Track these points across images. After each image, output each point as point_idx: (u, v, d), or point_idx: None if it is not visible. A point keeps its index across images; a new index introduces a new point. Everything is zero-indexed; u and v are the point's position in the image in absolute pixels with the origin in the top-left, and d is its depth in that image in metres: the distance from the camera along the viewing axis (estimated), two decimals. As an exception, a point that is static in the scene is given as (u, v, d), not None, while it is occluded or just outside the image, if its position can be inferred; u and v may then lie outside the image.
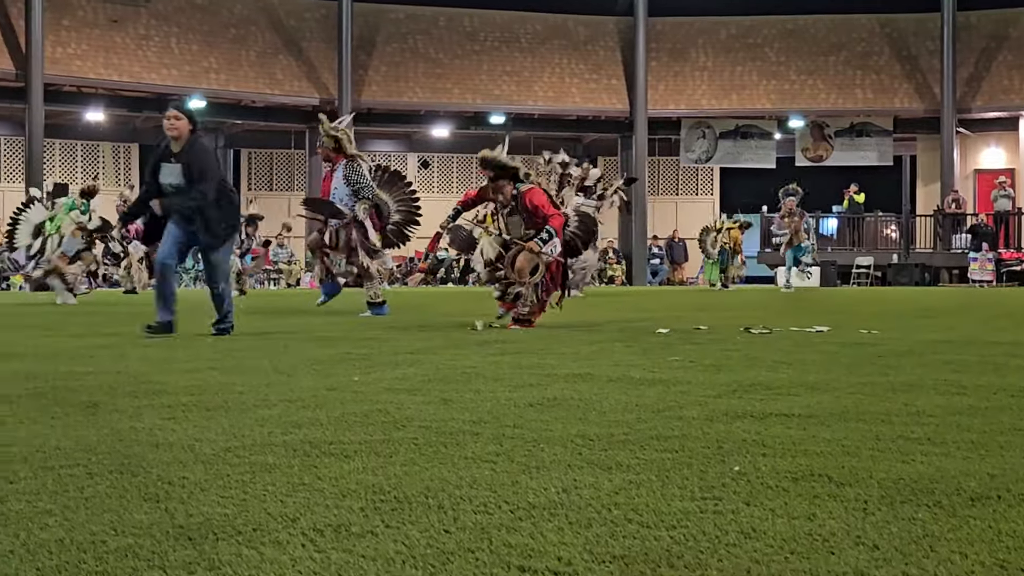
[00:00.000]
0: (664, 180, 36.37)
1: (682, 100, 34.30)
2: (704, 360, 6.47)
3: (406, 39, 33.46)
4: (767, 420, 4.11)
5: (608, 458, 3.35)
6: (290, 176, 34.30)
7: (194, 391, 5.02)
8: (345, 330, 9.71)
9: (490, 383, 5.33)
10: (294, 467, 3.24)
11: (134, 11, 30.20)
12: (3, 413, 4.36)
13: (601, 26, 34.90)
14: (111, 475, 3.13)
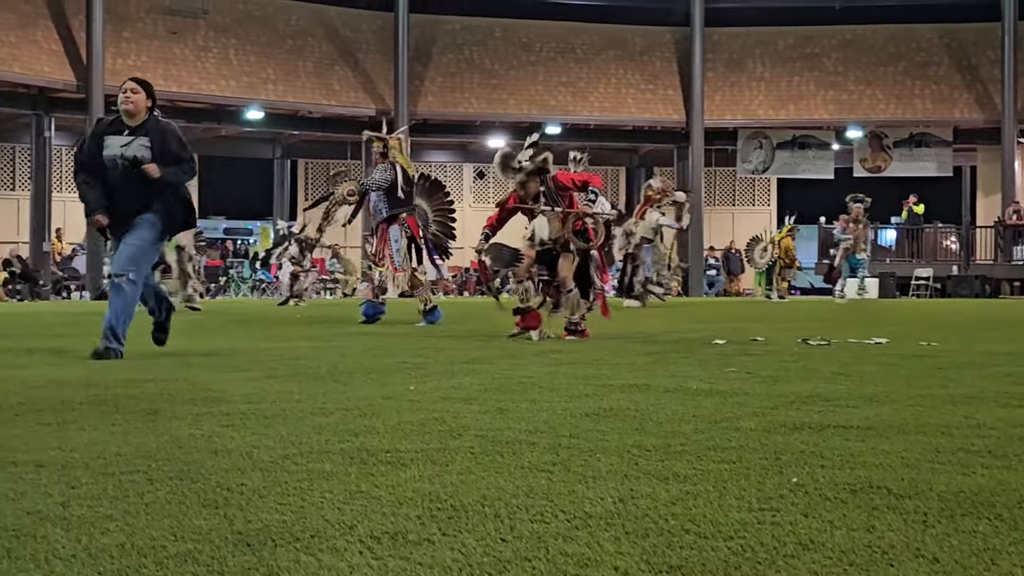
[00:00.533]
0: (721, 191, 36.23)
1: (739, 110, 34.15)
2: (761, 371, 6.43)
3: (462, 50, 33.58)
4: (825, 432, 4.08)
5: (665, 468, 3.34)
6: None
7: (252, 399, 5.06)
8: (401, 339, 9.75)
9: (546, 393, 5.33)
10: (351, 475, 3.25)
11: (193, 23, 30.52)
12: (65, 419, 4.41)
13: (657, 36, 34.84)
14: (171, 481, 3.16)
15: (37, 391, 5.39)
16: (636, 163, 36.72)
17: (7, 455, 3.58)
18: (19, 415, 4.55)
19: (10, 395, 5.20)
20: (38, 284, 27.34)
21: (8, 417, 4.49)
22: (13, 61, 26.95)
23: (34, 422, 4.34)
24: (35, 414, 4.57)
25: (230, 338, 10.14)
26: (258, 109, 30.49)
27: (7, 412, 4.63)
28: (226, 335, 10.71)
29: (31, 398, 5.09)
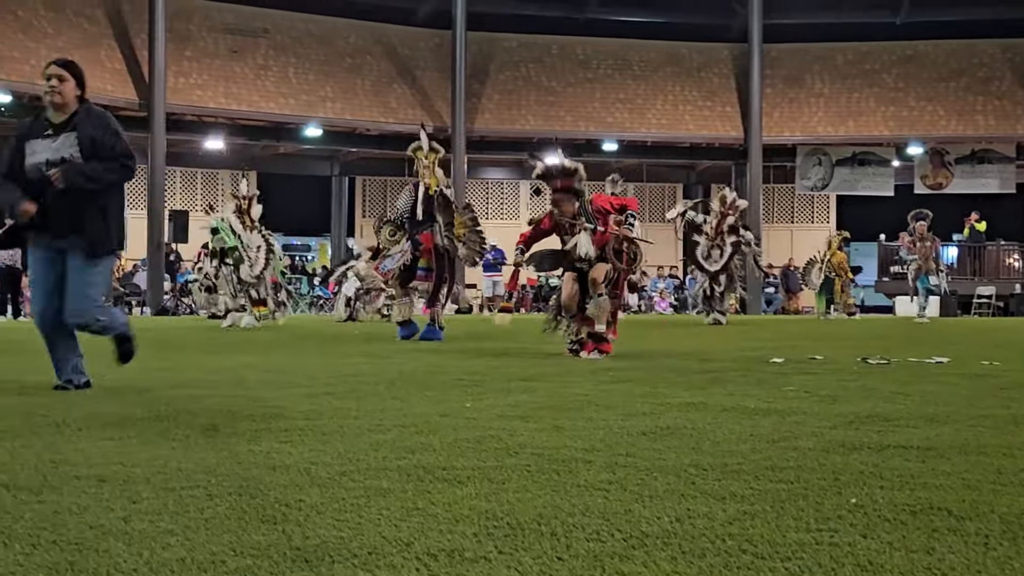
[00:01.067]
0: (779, 208, 36.01)
1: (797, 127, 33.95)
2: (820, 390, 6.39)
3: (519, 67, 33.66)
4: (885, 452, 4.04)
5: (722, 488, 3.33)
6: (404, 203, 34.62)
7: (311, 415, 5.10)
8: (458, 357, 9.77)
9: (602, 411, 5.32)
10: (408, 492, 3.26)
11: (253, 42, 30.84)
12: (127, 435, 4.46)
13: (715, 53, 34.74)
14: (230, 497, 3.19)
15: (99, 406, 5.47)
16: (693, 180, 36.58)
17: (70, 469, 3.63)
18: (82, 430, 4.61)
19: (73, 410, 5.27)
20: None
21: (71, 432, 4.56)
22: (77, 80, 27.35)
23: (97, 437, 4.40)
24: (98, 429, 4.63)
25: (288, 354, 10.21)
26: (317, 127, 30.72)
27: (70, 427, 4.69)
28: (284, 351, 10.79)
29: (93, 413, 5.16)
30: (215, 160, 32.21)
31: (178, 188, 31.98)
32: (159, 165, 27.93)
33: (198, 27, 30.27)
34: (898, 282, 31.73)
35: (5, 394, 6.11)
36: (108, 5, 29.21)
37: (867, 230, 35.19)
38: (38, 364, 8.55)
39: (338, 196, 35.17)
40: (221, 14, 30.79)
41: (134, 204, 30.84)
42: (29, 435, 4.46)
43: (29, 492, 3.28)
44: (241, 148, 32.22)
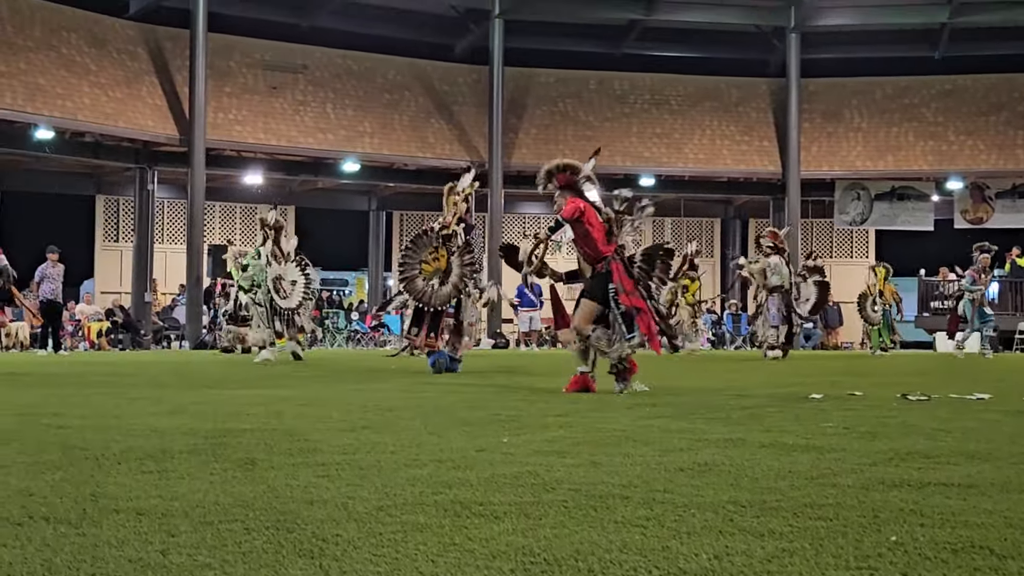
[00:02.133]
0: (818, 242, 35.85)
1: (836, 161, 33.86)
2: (859, 427, 6.34)
3: (556, 102, 33.77)
4: (925, 489, 4.00)
5: (760, 525, 3.30)
6: (441, 238, 34.69)
7: (347, 449, 5.10)
8: (494, 391, 9.76)
9: (640, 446, 5.30)
10: (445, 527, 3.26)
11: (292, 78, 31.10)
12: (166, 468, 4.48)
13: (753, 88, 34.75)
14: (267, 531, 3.20)
15: (138, 439, 5.49)
16: (731, 214, 36.53)
17: (109, 503, 3.65)
18: (121, 463, 4.64)
19: (112, 444, 5.30)
20: (139, 334, 27.86)
21: (111, 465, 4.58)
22: (119, 116, 27.64)
23: (136, 470, 4.42)
24: (136, 462, 4.65)
25: (324, 388, 10.24)
26: (354, 161, 30.90)
27: (109, 460, 4.72)
28: (320, 384, 10.82)
29: (132, 447, 5.19)
30: (254, 195, 32.44)
31: (217, 222, 32.21)
32: (198, 200, 28.16)
33: (238, 64, 30.57)
34: (938, 318, 31.52)
35: (45, 427, 6.15)
36: (150, 42, 29.56)
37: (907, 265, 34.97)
38: (78, 397, 8.62)
39: (375, 231, 35.32)
40: (261, 51, 31.10)
41: (173, 238, 31.09)
42: (68, 468, 4.48)
43: (68, 525, 3.29)
44: (280, 183, 32.45)
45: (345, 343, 31.35)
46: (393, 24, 33.13)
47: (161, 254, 30.30)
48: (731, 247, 35.45)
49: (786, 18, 32.97)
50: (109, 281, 30.60)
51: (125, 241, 30.75)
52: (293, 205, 33.52)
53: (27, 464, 4.59)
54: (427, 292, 13.61)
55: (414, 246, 14.21)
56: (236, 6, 31.00)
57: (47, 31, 27.42)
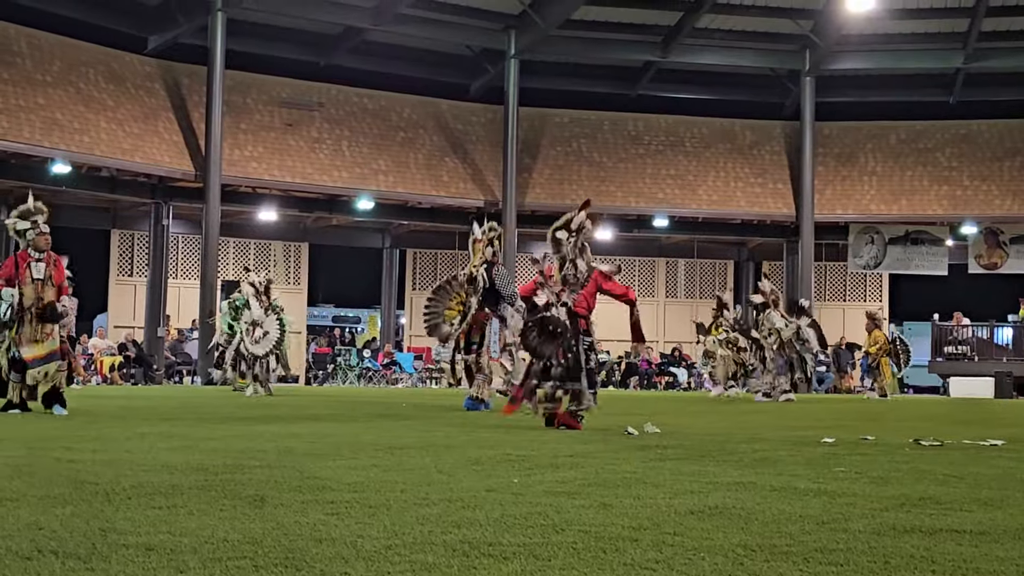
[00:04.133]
0: (831, 286, 35.81)
1: (850, 205, 33.85)
2: (871, 472, 6.31)
3: (570, 142, 33.86)
4: (937, 536, 3.98)
5: (770, 570, 3.29)
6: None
7: (357, 488, 5.10)
8: (505, 431, 9.75)
9: (650, 489, 5.29)
10: (453, 567, 3.25)
11: (308, 115, 31.24)
12: (175, 504, 4.48)
13: (767, 130, 34.81)
14: (276, 568, 3.19)
15: (148, 475, 5.49)
16: (745, 257, 36.51)
17: (119, 538, 3.65)
18: (131, 498, 4.64)
19: (122, 478, 5.30)
20: (152, 368, 27.90)
21: (121, 500, 4.58)
22: (136, 151, 27.79)
23: (145, 505, 4.42)
24: (146, 497, 4.65)
25: (335, 425, 10.23)
26: (369, 199, 30.98)
27: (120, 495, 4.72)
28: (331, 422, 10.81)
29: (142, 482, 5.19)
30: (268, 231, 32.55)
31: (231, 258, 32.29)
32: (213, 235, 28.24)
33: (255, 100, 30.74)
34: (952, 363, 31.41)
35: (56, 461, 6.16)
36: (168, 78, 29.75)
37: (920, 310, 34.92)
38: (88, 431, 8.63)
39: (389, 268, 35.36)
40: (277, 88, 31.26)
41: (188, 274, 31.17)
42: (79, 502, 4.49)
43: (78, 560, 3.29)
44: (294, 219, 32.55)
45: (357, 380, 31.34)
46: (409, 63, 33.32)
47: (175, 289, 30.36)
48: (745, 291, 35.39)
49: (801, 61, 33.06)
50: (122, 315, 30.65)
51: (139, 276, 30.84)
52: (307, 242, 33.60)
53: (37, 498, 4.60)
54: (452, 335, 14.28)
55: (437, 295, 14.64)
56: (254, 44, 31.19)
57: (66, 66, 27.62)
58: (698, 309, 24.88)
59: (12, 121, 25.69)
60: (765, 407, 17.84)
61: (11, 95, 26.05)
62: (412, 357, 32.69)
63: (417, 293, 34.10)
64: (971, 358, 31.68)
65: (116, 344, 28.21)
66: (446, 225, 32.96)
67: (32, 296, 10.87)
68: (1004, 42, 32.49)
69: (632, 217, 33.46)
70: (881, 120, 34.77)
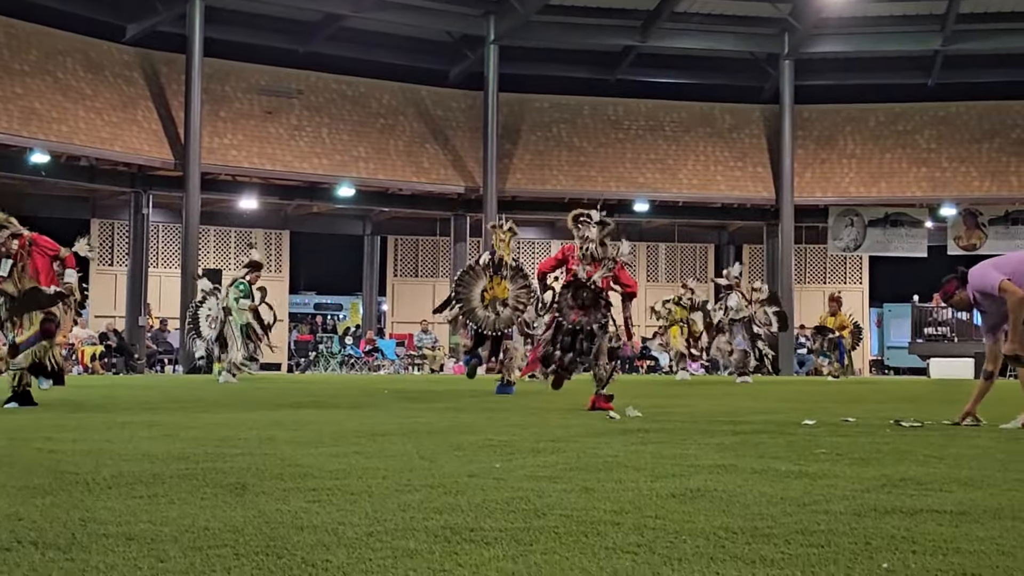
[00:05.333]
0: (811, 268, 35.91)
1: (829, 188, 33.93)
2: (852, 453, 6.33)
3: (550, 128, 33.83)
4: (917, 516, 4.00)
5: (752, 552, 3.29)
6: (435, 262, 34.73)
7: (339, 475, 5.09)
8: (487, 416, 9.76)
9: (632, 472, 5.30)
10: (435, 553, 3.25)
11: (287, 103, 31.14)
12: (156, 493, 4.47)
13: (747, 114, 34.84)
14: (257, 556, 3.19)
15: (129, 464, 5.48)
16: (725, 240, 36.56)
17: (99, 527, 3.64)
18: (111, 488, 4.62)
19: (103, 468, 5.28)
20: (133, 358, 27.81)
21: (101, 490, 4.57)
22: (115, 140, 27.67)
23: (126, 495, 4.41)
24: (127, 487, 4.64)
25: (316, 412, 10.22)
26: (349, 186, 30.91)
27: (100, 485, 4.71)
28: (313, 409, 10.80)
29: (123, 471, 5.17)
30: (248, 219, 32.46)
31: (212, 247, 32.21)
32: (193, 224, 28.14)
33: (233, 88, 30.61)
34: (932, 344, 31.58)
35: (36, 451, 6.14)
36: (146, 67, 29.60)
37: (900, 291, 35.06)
38: (69, 421, 8.60)
39: (370, 255, 35.32)
40: (256, 75, 31.14)
41: (168, 263, 31.08)
42: (58, 492, 4.47)
43: (57, 550, 3.28)
44: (274, 207, 32.48)
45: (339, 368, 31.31)
46: (388, 50, 33.22)
47: (155, 278, 30.25)
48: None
49: (780, 45, 33.09)
50: (103, 305, 30.54)
51: (120, 265, 30.73)
52: (287, 230, 33.53)
53: (17, 488, 4.58)
54: (489, 319, 14.87)
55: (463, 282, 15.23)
56: (232, 31, 31.06)
57: (43, 55, 27.46)
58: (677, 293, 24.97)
59: (-11, 111, 25.55)
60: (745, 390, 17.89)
61: (-12, 85, 25.91)
62: (394, 344, 32.68)
63: (399, 280, 34.10)
64: (951, 339, 31.88)
65: (97, 334, 28.11)
66: (427, 212, 32.94)
67: (13, 289, 10.63)
68: (982, 24, 32.56)
69: (613, 202, 33.41)
70: (860, 103, 34.83)
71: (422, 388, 17.56)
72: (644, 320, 34.39)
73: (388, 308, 35.64)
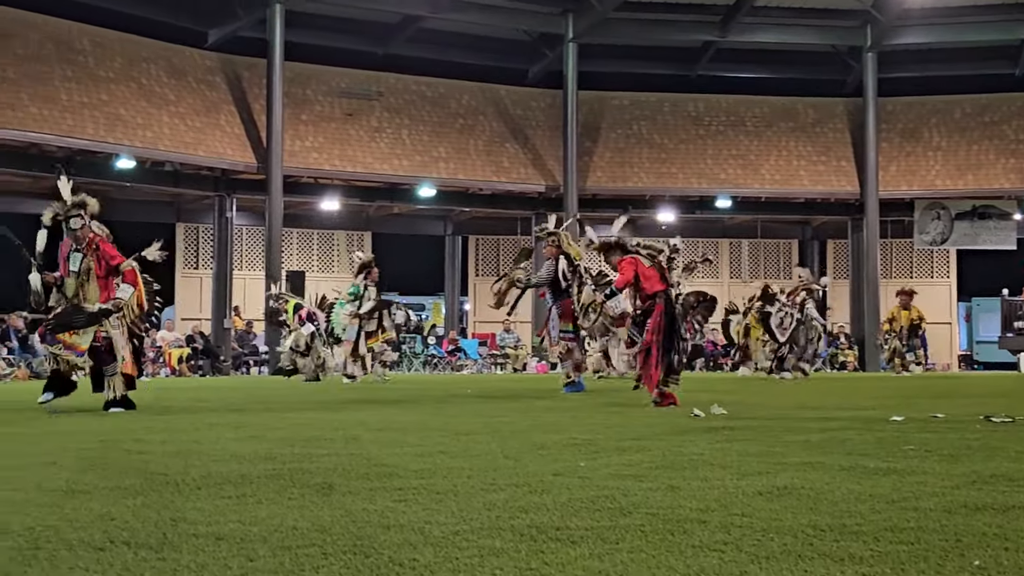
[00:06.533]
0: (897, 263, 35.40)
1: (915, 181, 33.43)
2: (941, 449, 6.24)
3: (631, 125, 33.70)
4: (1009, 513, 3.93)
5: (840, 549, 3.26)
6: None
7: (424, 474, 5.11)
8: (571, 415, 9.75)
9: (717, 470, 5.26)
10: (521, 552, 3.25)
11: (368, 105, 31.35)
12: (244, 493, 4.52)
13: (830, 108, 34.44)
14: (345, 555, 3.21)
15: (217, 465, 5.55)
16: (809, 235, 36.19)
17: (189, 527, 3.69)
18: (200, 488, 4.69)
19: (191, 469, 5.36)
20: (219, 360, 28.17)
21: (190, 490, 4.63)
22: (198, 145, 28.04)
23: (215, 495, 4.47)
24: (215, 487, 4.70)
25: (401, 412, 10.28)
26: (430, 187, 31.04)
27: (189, 485, 4.77)
28: (397, 409, 10.86)
29: (212, 472, 5.24)
30: (330, 221, 32.73)
31: (295, 249, 32.53)
32: (276, 227, 28.44)
33: (314, 91, 30.89)
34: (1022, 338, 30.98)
35: (126, 453, 6.24)
36: (228, 72, 29.98)
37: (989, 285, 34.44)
38: (157, 423, 8.73)
39: (451, 255, 35.45)
40: (336, 78, 31.39)
41: (252, 265, 31.44)
42: (149, 493, 4.54)
43: (149, 549, 3.33)
44: (356, 209, 32.71)
45: (422, 367, 31.46)
46: (467, 50, 33.34)
47: (240, 280, 30.61)
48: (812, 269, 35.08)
49: (862, 37, 32.67)
50: (189, 308, 30.99)
51: (205, 268, 31.14)
52: (369, 231, 33.76)
53: (109, 489, 4.66)
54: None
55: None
56: (312, 35, 31.35)
57: (127, 62, 27.91)
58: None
59: (76, 118, 26.00)
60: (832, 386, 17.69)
61: (75, 92, 26.38)
62: (477, 343, 32.75)
63: (480, 279, 34.15)
64: (1042, 333, 31.26)
65: (184, 336, 28.52)
66: (508, 211, 32.97)
67: (74, 288, 10.54)
68: (1070, 11, 31.91)
69: (694, 198, 33.26)
70: (945, 94, 34.27)
71: (505, 387, 17.59)
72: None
73: (470, 308, 35.73)
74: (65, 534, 3.58)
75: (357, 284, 19.81)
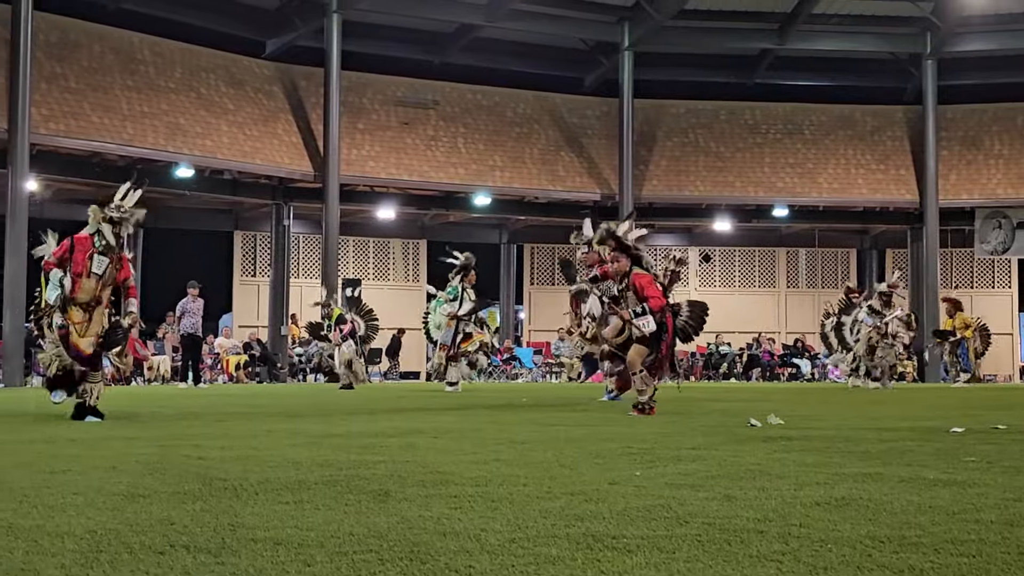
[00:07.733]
0: (958, 273, 35.01)
1: (975, 189, 33.07)
2: (1002, 461, 6.16)
3: (687, 133, 33.61)
4: (1074, 526, 3.87)
5: (900, 561, 3.23)
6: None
7: (480, 482, 5.12)
8: (625, 424, 9.72)
9: (775, 480, 5.23)
10: (577, 560, 3.25)
11: (424, 113, 31.49)
12: (301, 499, 4.55)
13: (888, 115, 34.16)
14: (401, 562, 3.22)
15: (275, 471, 5.59)
16: (867, 245, 35.91)
17: (247, 532, 3.72)
18: (259, 494, 4.72)
19: (250, 475, 5.40)
20: (276, 367, 28.37)
21: (248, 496, 4.67)
22: (256, 154, 28.29)
23: (273, 501, 4.50)
24: (273, 493, 4.73)
25: (458, 420, 10.29)
26: (486, 195, 31.13)
27: (247, 491, 4.81)
28: (453, 417, 10.88)
29: (269, 478, 5.28)
30: (386, 229, 32.88)
31: (351, 257, 32.71)
32: (333, 235, 28.63)
33: (371, 100, 31.07)
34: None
35: (185, 458, 6.30)
36: (285, 81, 30.23)
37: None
38: (215, 429, 8.80)
39: (507, 264, 35.49)
40: (393, 87, 31.56)
41: (309, 273, 31.64)
42: (208, 498, 4.58)
43: (208, 554, 3.36)
44: (412, 217, 32.85)
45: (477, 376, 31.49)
46: (523, 59, 33.42)
47: (296, 288, 30.83)
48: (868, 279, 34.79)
49: (922, 44, 32.40)
50: (247, 315, 31.24)
51: (262, 276, 31.39)
52: (425, 239, 33.87)
53: (168, 494, 4.70)
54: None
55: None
56: (369, 44, 31.57)
57: (187, 72, 28.21)
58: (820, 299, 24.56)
59: (137, 127, 26.32)
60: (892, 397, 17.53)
61: (136, 102, 26.70)
62: (531, 352, 32.76)
63: (535, 288, 34.20)
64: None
65: (241, 343, 28.75)
66: (563, 220, 32.91)
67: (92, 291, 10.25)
68: None
69: (751, 207, 33.10)
70: (1006, 102, 33.89)
71: (560, 396, 17.58)
72: (785, 326, 33.99)
73: (525, 316, 35.75)
74: (126, 538, 3.62)
75: (455, 285, 19.74)
